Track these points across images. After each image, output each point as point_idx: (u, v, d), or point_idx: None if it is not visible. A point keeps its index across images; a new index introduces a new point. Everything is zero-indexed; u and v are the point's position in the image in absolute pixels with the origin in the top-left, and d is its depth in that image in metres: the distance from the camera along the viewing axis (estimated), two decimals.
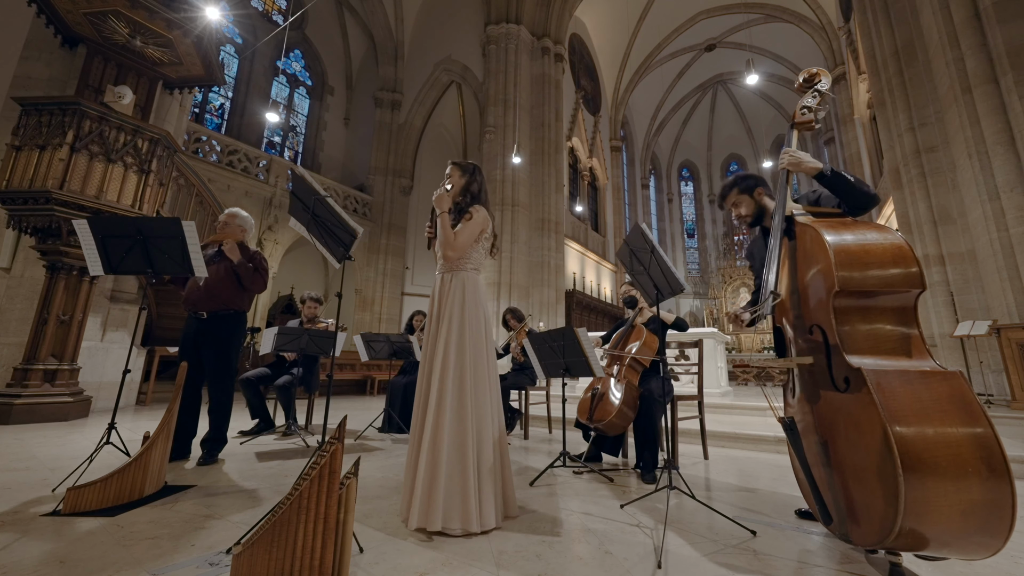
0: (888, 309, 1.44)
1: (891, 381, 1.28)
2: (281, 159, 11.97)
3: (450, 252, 2.01)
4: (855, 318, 1.44)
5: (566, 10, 13.21)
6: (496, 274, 10.54)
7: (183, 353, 2.93)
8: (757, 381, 11.06)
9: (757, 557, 1.55)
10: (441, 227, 2.02)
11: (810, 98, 1.87)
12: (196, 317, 2.95)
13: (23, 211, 4.15)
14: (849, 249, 1.44)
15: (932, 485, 1.14)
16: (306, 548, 1.19)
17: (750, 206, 2.07)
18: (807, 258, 1.58)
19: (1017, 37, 5.04)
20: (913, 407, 1.22)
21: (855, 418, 1.33)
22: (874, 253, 1.43)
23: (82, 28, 4.90)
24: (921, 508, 1.15)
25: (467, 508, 1.71)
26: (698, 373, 3.38)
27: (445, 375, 1.88)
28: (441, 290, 2.04)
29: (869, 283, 1.40)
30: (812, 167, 1.71)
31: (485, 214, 2.10)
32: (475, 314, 1.98)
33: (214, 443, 2.88)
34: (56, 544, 1.54)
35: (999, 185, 5.07)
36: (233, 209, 3.25)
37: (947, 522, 1.15)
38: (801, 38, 16.38)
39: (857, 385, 1.33)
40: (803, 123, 1.87)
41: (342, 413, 3.98)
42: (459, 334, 1.93)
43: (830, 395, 1.46)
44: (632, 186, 22.15)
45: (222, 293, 2.97)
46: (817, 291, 1.52)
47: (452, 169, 2.18)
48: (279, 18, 14.09)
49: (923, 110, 6.61)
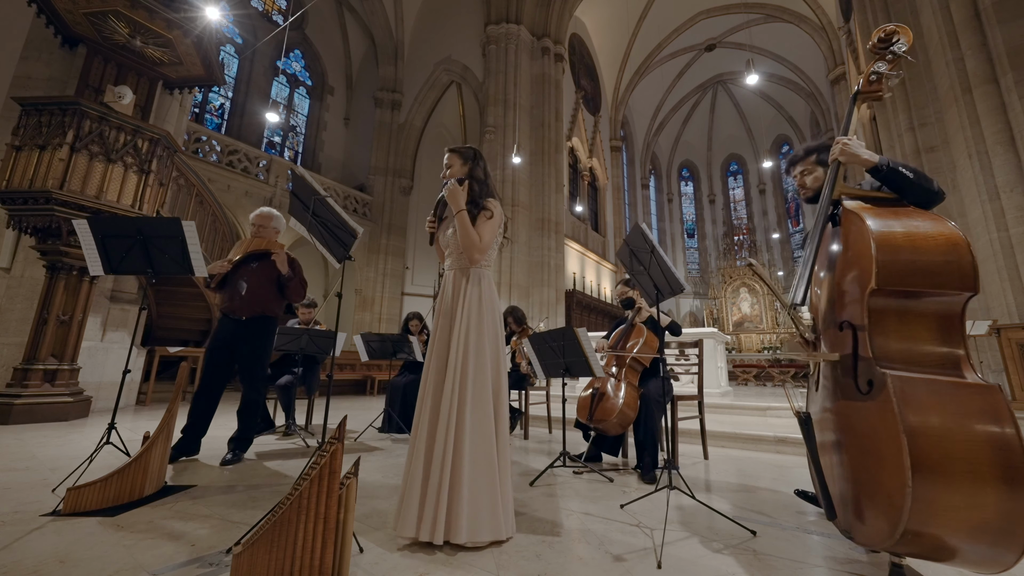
0: (930, 314, 1.28)
1: (917, 391, 1.17)
2: (281, 159, 11.97)
3: (477, 255, 1.86)
4: (891, 320, 1.29)
5: (566, 10, 13.21)
6: (496, 274, 10.54)
7: (214, 353, 2.95)
8: (757, 381, 11.06)
9: (757, 557, 1.55)
10: (462, 228, 1.86)
11: (883, 62, 1.57)
12: (233, 320, 2.97)
13: (23, 211, 4.15)
14: (893, 240, 1.27)
15: (943, 501, 1.08)
16: (306, 548, 1.19)
17: (819, 180, 1.88)
18: (847, 246, 1.43)
19: (1017, 37, 5.04)
20: (937, 420, 1.12)
21: (871, 424, 1.25)
22: (922, 247, 1.26)
23: (82, 28, 4.90)
24: (926, 520, 1.09)
25: (495, 517, 1.62)
26: (698, 373, 3.38)
27: (465, 377, 1.74)
28: (455, 288, 1.90)
29: (911, 281, 1.25)
30: (867, 160, 1.54)
31: (500, 207, 1.96)
32: (492, 314, 1.87)
33: (242, 442, 2.92)
34: (56, 544, 1.54)
35: (999, 185, 5.07)
36: (266, 210, 3.23)
37: (954, 537, 1.09)
38: (801, 38, 16.39)
39: (879, 391, 1.23)
40: (870, 92, 1.60)
41: (342, 413, 3.98)
42: (478, 334, 1.81)
43: (850, 395, 1.37)
44: (632, 186, 22.15)
45: (263, 299, 3.01)
46: (852, 285, 1.38)
47: (451, 156, 2.02)
48: (279, 18, 14.10)
49: (923, 110, 6.62)
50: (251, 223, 3.18)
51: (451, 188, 1.89)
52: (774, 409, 4.74)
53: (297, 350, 3.84)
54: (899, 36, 1.57)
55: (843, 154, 1.60)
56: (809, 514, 2.02)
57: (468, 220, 1.86)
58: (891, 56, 1.57)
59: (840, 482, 1.43)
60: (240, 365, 2.98)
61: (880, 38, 1.60)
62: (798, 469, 2.93)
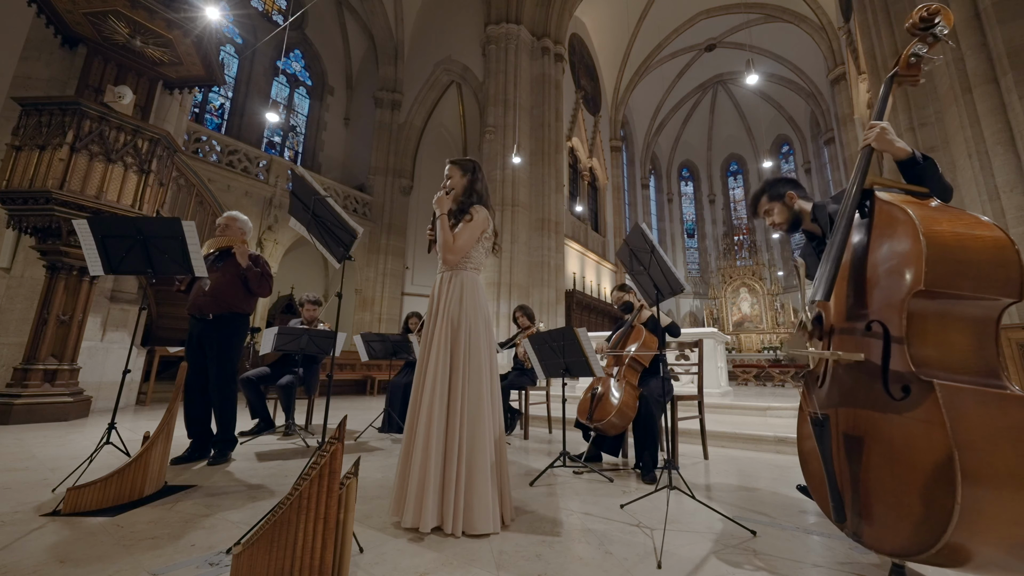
0: (969, 318, 1.22)
1: (965, 401, 1.11)
2: (281, 159, 11.97)
3: (449, 255, 1.99)
4: (931, 323, 1.23)
5: (566, 10, 13.21)
6: (496, 274, 10.54)
7: (189, 356, 2.95)
8: (757, 381, 11.06)
9: (757, 557, 1.55)
10: (440, 229, 2.00)
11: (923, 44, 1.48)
12: (200, 320, 2.96)
13: (23, 211, 4.15)
14: (943, 239, 1.19)
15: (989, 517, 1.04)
16: (306, 548, 1.19)
17: (783, 213, 1.92)
18: (884, 241, 1.33)
19: (1017, 37, 5.04)
20: (985, 433, 1.08)
21: (909, 431, 1.19)
22: (971, 247, 1.19)
23: (82, 28, 4.90)
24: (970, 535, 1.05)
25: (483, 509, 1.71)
26: (698, 373, 3.38)
27: (438, 375, 1.86)
28: (440, 289, 2.02)
29: (959, 284, 1.18)
30: (901, 149, 1.44)
31: (485, 214, 2.06)
32: (474, 314, 1.96)
33: (224, 444, 2.91)
34: (56, 544, 1.54)
35: (999, 185, 5.07)
36: (232, 212, 3.26)
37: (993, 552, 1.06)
38: (801, 38, 16.39)
39: (920, 398, 1.16)
40: (908, 75, 1.50)
41: (342, 413, 3.98)
42: (455, 334, 1.91)
43: (876, 400, 1.29)
44: (632, 186, 22.15)
45: (227, 297, 2.98)
46: (891, 283, 1.29)
47: (451, 168, 2.13)
48: (279, 18, 14.10)
49: (923, 110, 6.61)
50: (216, 224, 3.21)
51: (439, 196, 2.05)
52: (774, 409, 4.74)
53: (297, 350, 3.84)
54: (940, 18, 1.46)
55: (878, 140, 1.48)
56: (809, 514, 2.02)
57: (446, 223, 2.02)
58: (931, 39, 1.47)
59: (856, 487, 1.37)
60: (209, 364, 2.93)
61: (922, 17, 1.47)
62: (798, 469, 2.92)
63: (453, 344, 1.90)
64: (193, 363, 2.92)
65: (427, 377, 1.88)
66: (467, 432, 1.81)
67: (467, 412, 1.84)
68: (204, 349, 2.94)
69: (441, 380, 1.86)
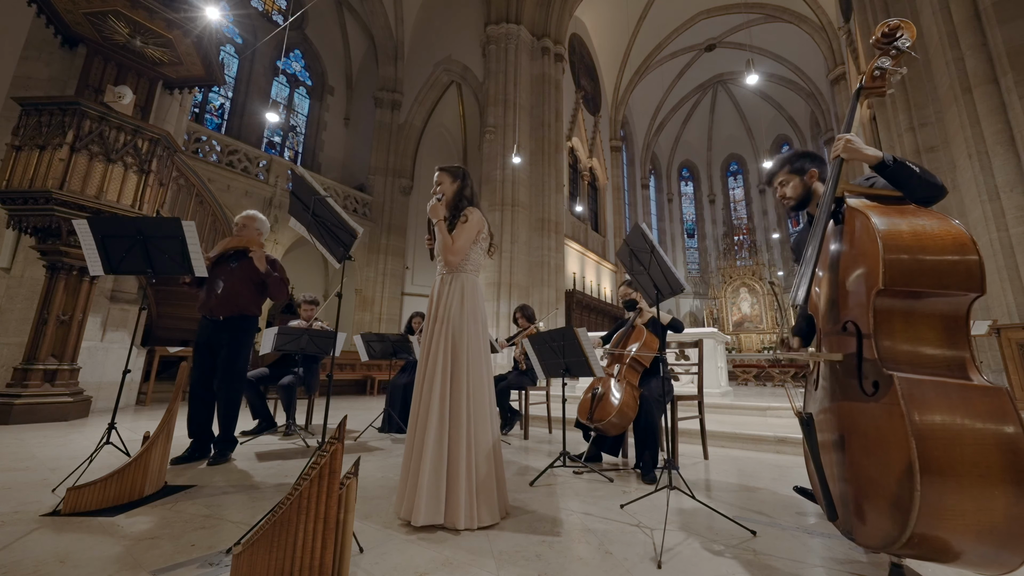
0: (936, 315, 1.27)
1: (925, 393, 1.16)
2: (281, 159, 11.97)
3: (451, 257, 2.05)
4: (897, 320, 1.29)
5: (566, 10, 13.21)
6: (496, 274, 10.54)
7: (198, 356, 2.95)
8: (757, 381, 11.06)
9: (757, 557, 1.55)
10: (440, 234, 2.07)
11: (886, 58, 1.56)
12: (212, 321, 2.96)
13: (23, 211, 4.15)
14: (900, 239, 1.26)
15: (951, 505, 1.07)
16: (306, 548, 1.19)
17: (797, 188, 1.91)
18: (851, 246, 1.42)
19: (1017, 37, 5.04)
20: (945, 423, 1.12)
21: (878, 426, 1.24)
22: (929, 247, 1.25)
23: (82, 28, 4.90)
24: (934, 524, 1.09)
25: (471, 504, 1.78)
26: (698, 373, 3.38)
27: (445, 376, 1.91)
28: (440, 291, 2.07)
29: (919, 281, 1.24)
30: (871, 156, 1.51)
31: (480, 215, 2.13)
32: (473, 316, 2.02)
33: (224, 444, 2.91)
34: (56, 544, 1.54)
35: (999, 185, 5.07)
36: (251, 212, 3.24)
37: (961, 540, 1.09)
38: (801, 38, 16.39)
39: (885, 392, 1.21)
40: (873, 88, 1.58)
41: (342, 413, 3.98)
42: (457, 337, 1.97)
43: (854, 396, 1.35)
44: (632, 186, 22.15)
45: (240, 299, 2.98)
46: (858, 284, 1.37)
47: (441, 175, 2.19)
48: (279, 18, 14.09)
49: (923, 110, 6.61)
50: (234, 223, 3.19)
51: (432, 205, 2.10)
52: (774, 409, 4.74)
53: (297, 350, 3.84)
54: (903, 31, 1.54)
55: (846, 150, 1.56)
56: (809, 514, 2.02)
57: (445, 228, 2.08)
58: (895, 52, 1.55)
59: (842, 483, 1.42)
60: (218, 365, 2.94)
61: (884, 33, 1.57)
62: (798, 469, 2.93)
63: (455, 347, 1.95)
64: (200, 364, 2.92)
65: (431, 377, 1.93)
66: (473, 430, 1.88)
67: (472, 411, 1.91)
68: (213, 350, 2.94)
69: (446, 381, 1.91)
